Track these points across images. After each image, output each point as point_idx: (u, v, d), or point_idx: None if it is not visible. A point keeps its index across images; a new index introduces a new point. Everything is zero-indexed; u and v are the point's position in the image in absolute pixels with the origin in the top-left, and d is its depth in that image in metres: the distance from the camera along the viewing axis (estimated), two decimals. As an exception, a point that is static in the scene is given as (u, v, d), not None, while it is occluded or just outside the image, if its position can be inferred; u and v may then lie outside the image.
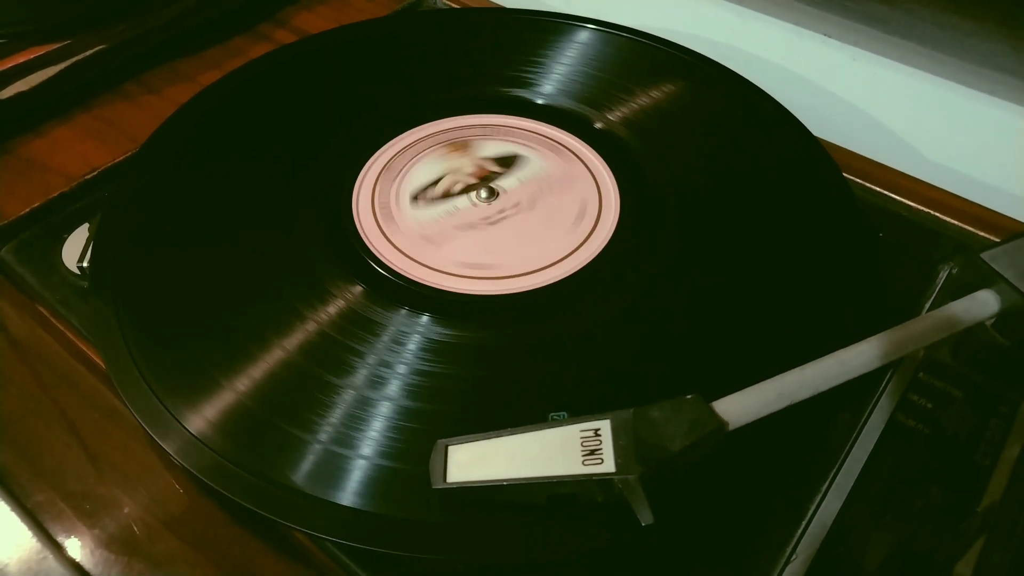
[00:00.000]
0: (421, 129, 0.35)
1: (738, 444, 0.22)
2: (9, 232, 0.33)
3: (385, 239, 0.30)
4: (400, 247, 0.30)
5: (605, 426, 0.21)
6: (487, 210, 0.32)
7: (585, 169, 0.33)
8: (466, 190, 0.32)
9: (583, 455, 0.21)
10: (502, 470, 0.21)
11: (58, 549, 0.24)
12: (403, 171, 0.33)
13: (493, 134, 0.35)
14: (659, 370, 0.26)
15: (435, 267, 0.29)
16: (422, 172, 0.33)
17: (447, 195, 0.32)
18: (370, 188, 0.33)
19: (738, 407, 0.21)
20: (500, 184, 0.33)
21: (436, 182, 0.32)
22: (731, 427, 0.21)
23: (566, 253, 0.30)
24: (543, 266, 0.29)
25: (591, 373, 0.26)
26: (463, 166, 0.33)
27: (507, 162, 0.33)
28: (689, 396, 0.21)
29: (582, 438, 0.21)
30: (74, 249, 0.32)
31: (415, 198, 0.32)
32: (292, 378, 0.25)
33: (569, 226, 0.31)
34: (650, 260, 0.29)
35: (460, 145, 0.34)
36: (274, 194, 0.32)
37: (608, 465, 0.20)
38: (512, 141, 0.35)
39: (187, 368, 0.25)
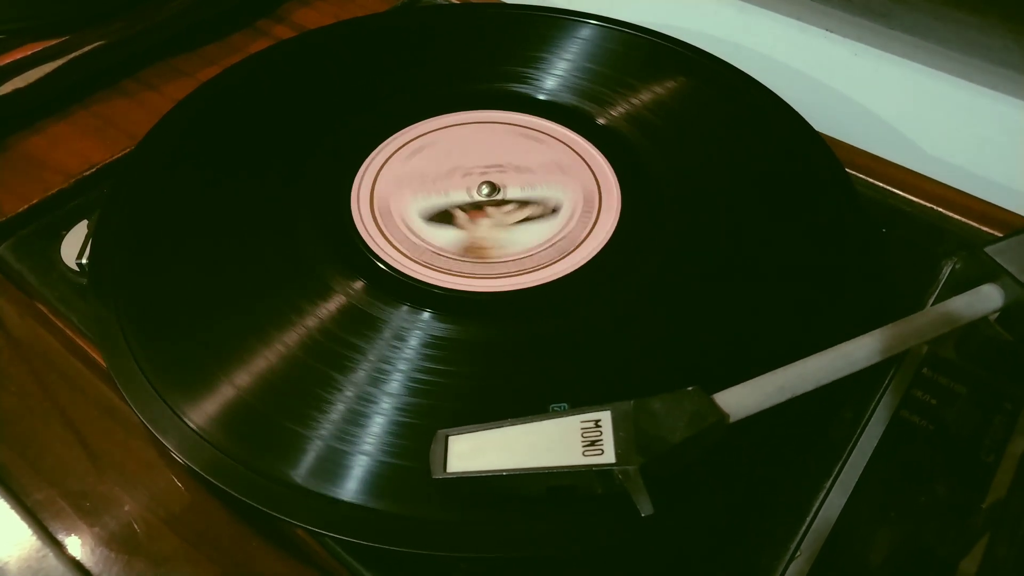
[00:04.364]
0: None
1: (742, 440, 0.22)
2: (7, 229, 0.33)
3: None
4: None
5: (605, 417, 0.21)
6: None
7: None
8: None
9: (583, 446, 0.20)
10: (502, 461, 0.21)
11: (58, 547, 0.24)
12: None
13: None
14: (661, 363, 0.26)
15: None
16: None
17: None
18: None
19: (739, 399, 0.21)
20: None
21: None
22: (732, 419, 0.21)
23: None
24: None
25: (593, 367, 0.26)
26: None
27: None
28: (690, 388, 0.21)
29: (582, 429, 0.21)
30: (73, 246, 0.31)
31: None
32: (293, 374, 0.25)
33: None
34: (652, 255, 0.29)
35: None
36: (273, 190, 0.32)
37: (608, 456, 0.20)
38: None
39: (187, 364, 0.25)
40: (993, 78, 0.37)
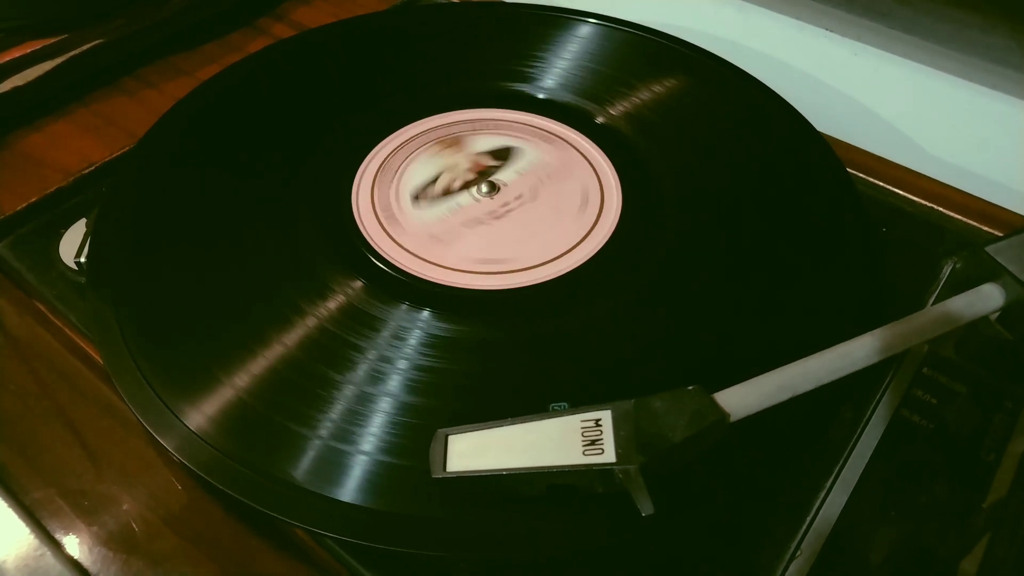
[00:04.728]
0: (422, 123, 0.35)
1: (742, 439, 0.22)
2: (6, 228, 0.33)
3: (389, 238, 0.30)
4: (408, 247, 0.30)
5: (606, 416, 0.21)
6: (491, 204, 0.31)
7: (580, 156, 0.33)
8: (466, 186, 0.32)
9: (584, 445, 0.20)
10: (502, 460, 0.21)
11: (56, 546, 0.24)
12: (399, 170, 0.33)
13: (482, 128, 0.35)
14: (661, 362, 0.26)
15: (447, 265, 0.29)
16: (418, 171, 0.33)
17: (447, 192, 0.32)
18: (370, 182, 0.32)
19: (740, 399, 0.21)
20: (499, 178, 0.32)
21: (434, 180, 0.32)
22: (733, 418, 0.21)
23: (571, 245, 0.29)
24: (546, 260, 0.29)
25: (593, 367, 0.25)
26: (459, 162, 0.33)
27: (502, 155, 0.33)
28: (691, 387, 0.21)
29: (583, 428, 0.21)
30: (71, 244, 0.31)
31: (416, 197, 0.31)
32: (292, 374, 0.25)
33: (575, 214, 0.31)
34: (652, 254, 0.29)
35: (452, 142, 0.33)
36: (273, 189, 0.32)
37: (609, 455, 0.20)
38: (503, 134, 0.34)
39: (186, 364, 0.25)
40: (993, 77, 0.37)
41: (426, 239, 0.30)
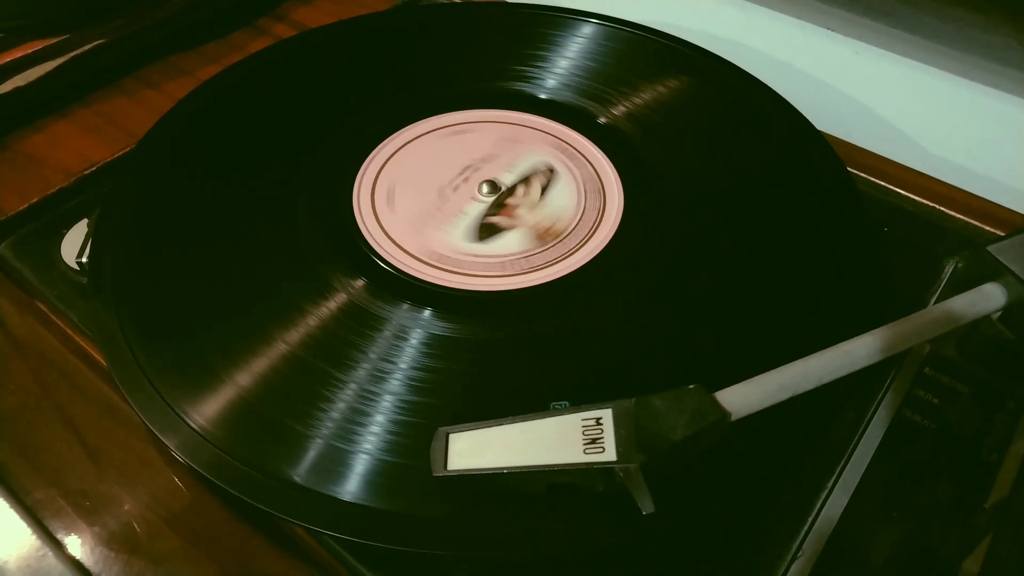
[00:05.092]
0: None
1: (743, 439, 0.22)
2: (7, 228, 0.33)
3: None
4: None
5: (607, 415, 0.21)
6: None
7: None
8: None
9: (584, 444, 0.20)
10: (503, 458, 0.21)
11: (58, 547, 0.24)
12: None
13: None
14: (662, 361, 0.26)
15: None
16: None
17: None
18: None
19: (740, 398, 0.21)
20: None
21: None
22: (733, 417, 0.21)
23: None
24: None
25: (594, 366, 0.25)
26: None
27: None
28: (691, 386, 0.21)
29: (583, 427, 0.21)
30: (73, 245, 0.31)
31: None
32: (294, 373, 0.25)
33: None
34: (654, 253, 0.29)
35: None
36: (274, 189, 0.32)
37: (609, 454, 0.20)
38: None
39: (188, 363, 0.25)
40: (995, 77, 0.37)
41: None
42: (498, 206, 0.31)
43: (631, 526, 0.21)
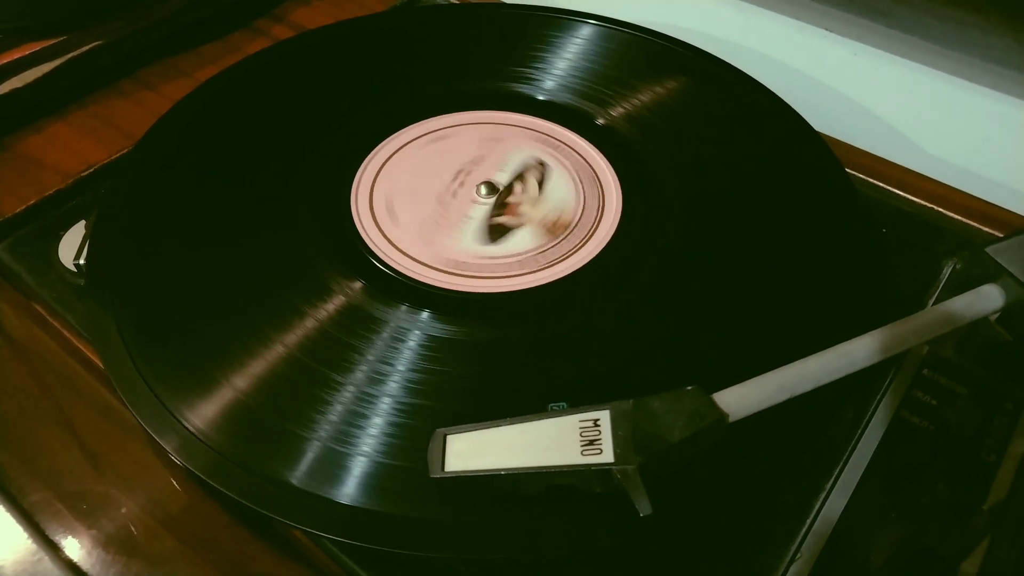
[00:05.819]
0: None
1: (742, 440, 0.22)
2: (5, 229, 0.33)
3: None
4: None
5: (604, 416, 0.21)
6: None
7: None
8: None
9: (582, 445, 0.20)
10: (500, 460, 0.21)
11: (55, 550, 0.24)
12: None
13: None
14: (660, 363, 0.26)
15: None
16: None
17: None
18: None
19: (739, 399, 0.21)
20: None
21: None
22: (731, 419, 0.21)
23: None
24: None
25: (592, 367, 0.25)
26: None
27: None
28: (689, 387, 0.21)
29: (581, 428, 0.21)
30: (70, 246, 0.31)
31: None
32: (291, 375, 0.25)
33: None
34: (652, 255, 0.29)
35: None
36: (272, 190, 0.32)
37: (607, 455, 0.20)
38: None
39: (185, 365, 0.25)
40: (993, 77, 0.37)
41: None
42: (501, 206, 0.31)
43: (629, 528, 0.21)
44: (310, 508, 0.22)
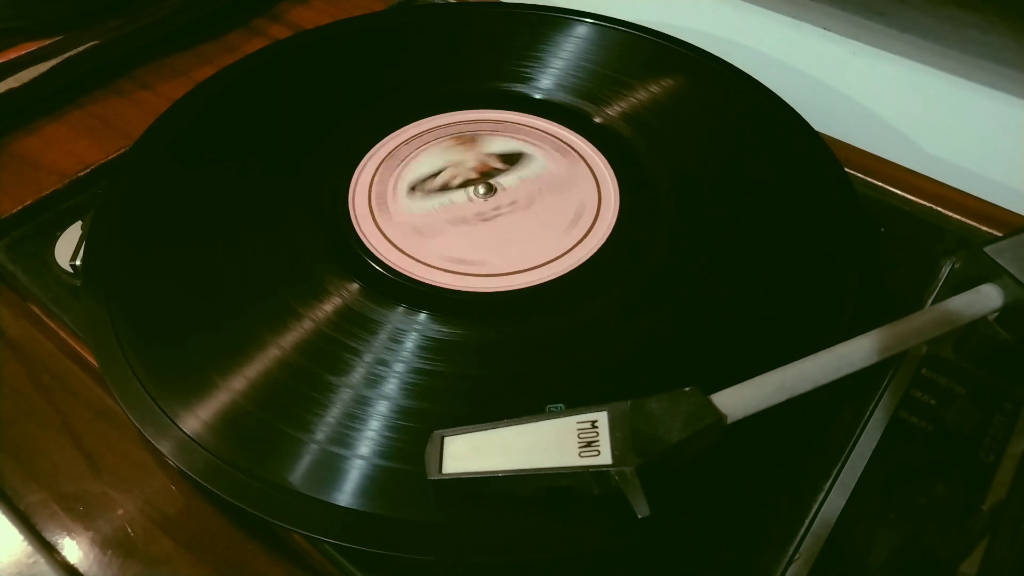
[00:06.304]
0: (417, 125, 0.35)
1: (740, 441, 0.22)
2: (1, 230, 0.33)
3: (377, 229, 0.30)
4: (391, 237, 0.30)
5: (602, 418, 0.21)
6: (482, 206, 0.31)
7: (586, 167, 0.33)
8: (464, 184, 0.32)
9: (580, 447, 0.20)
10: (498, 462, 0.21)
11: (51, 551, 0.24)
12: (403, 162, 0.33)
13: (502, 130, 0.34)
14: (658, 363, 0.26)
15: (421, 260, 0.29)
16: (424, 163, 0.33)
17: (445, 188, 0.32)
18: (366, 184, 0.32)
19: (737, 400, 0.21)
20: (499, 181, 0.32)
21: (436, 174, 0.32)
22: (730, 420, 0.21)
23: (560, 252, 0.29)
24: (541, 263, 0.29)
25: (590, 369, 0.25)
26: (466, 160, 0.33)
27: (511, 159, 0.33)
28: (687, 388, 0.21)
29: (579, 430, 0.21)
30: (67, 247, 0.31)
31: (413, 188, 0.31)
32: (288, 377, 0.25)
33: (564, 227, 0.30)
34: (650, 254, 0.29)
35: (467, 139, 0.33)
36: (269, 191, 0.31)
37: (605, 457, 0.20)
38: (521, 139, 0.34)
39: (181, 367, 0.25)
40: (992, 76, 0.37)
41: (408, 230, 0.30)
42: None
43: (627, 529, 0.21)
44: (307, 511, 0.22)
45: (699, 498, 0.22)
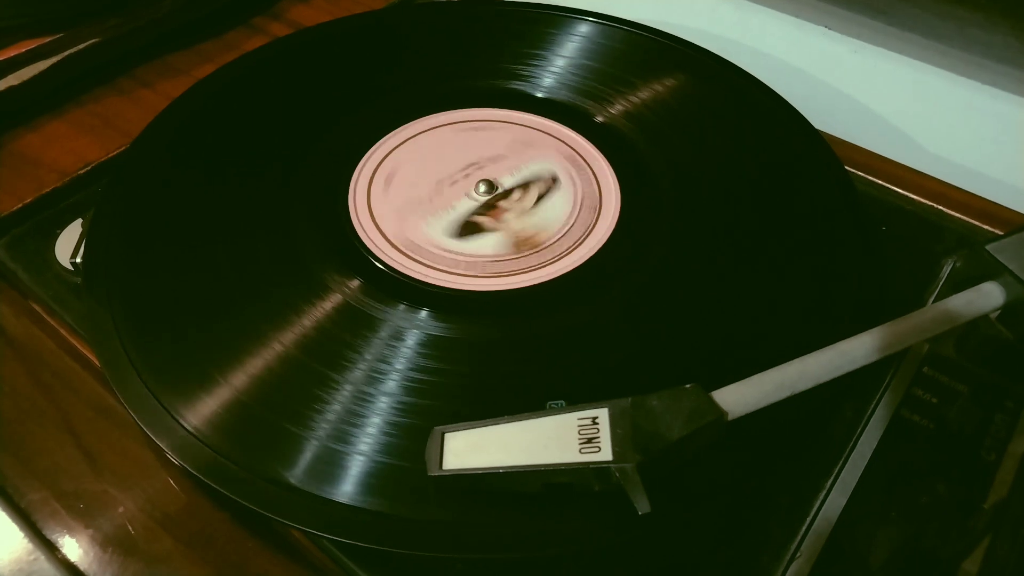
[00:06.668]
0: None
1: (741, 439, 0.22)
2: (1, 228, 0.33)
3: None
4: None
5: (603, 414, 0.21)
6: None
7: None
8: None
9: (580, 443, 0.20)
10: (499, 458, 0.21)
11: (52, 549, 0.24)
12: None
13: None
14: (659, 361, 0.26)
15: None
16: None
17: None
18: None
19: (738, 397, 0.21)
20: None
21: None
22: (730, 417, 0.21)
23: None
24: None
25: (591, 366, 0.25)
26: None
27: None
28: (688, 385, 0.21)
29: (580, 426, 0.21)
30: (67, 245, 0.31)
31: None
32: (289, 374, 0.25)
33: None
34: (651, 253, 0.29)
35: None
36: (269, 188, 0.31)
37: (605, 453, 0.20)
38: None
39: (182, 364, 0.25)
40: (993, 75, 0.37)
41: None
42: (488, 207, 0.31)
43: (627, 526, 0.21)
44: (308, 507, 0.22)
45: (700, 495, 0.22)
